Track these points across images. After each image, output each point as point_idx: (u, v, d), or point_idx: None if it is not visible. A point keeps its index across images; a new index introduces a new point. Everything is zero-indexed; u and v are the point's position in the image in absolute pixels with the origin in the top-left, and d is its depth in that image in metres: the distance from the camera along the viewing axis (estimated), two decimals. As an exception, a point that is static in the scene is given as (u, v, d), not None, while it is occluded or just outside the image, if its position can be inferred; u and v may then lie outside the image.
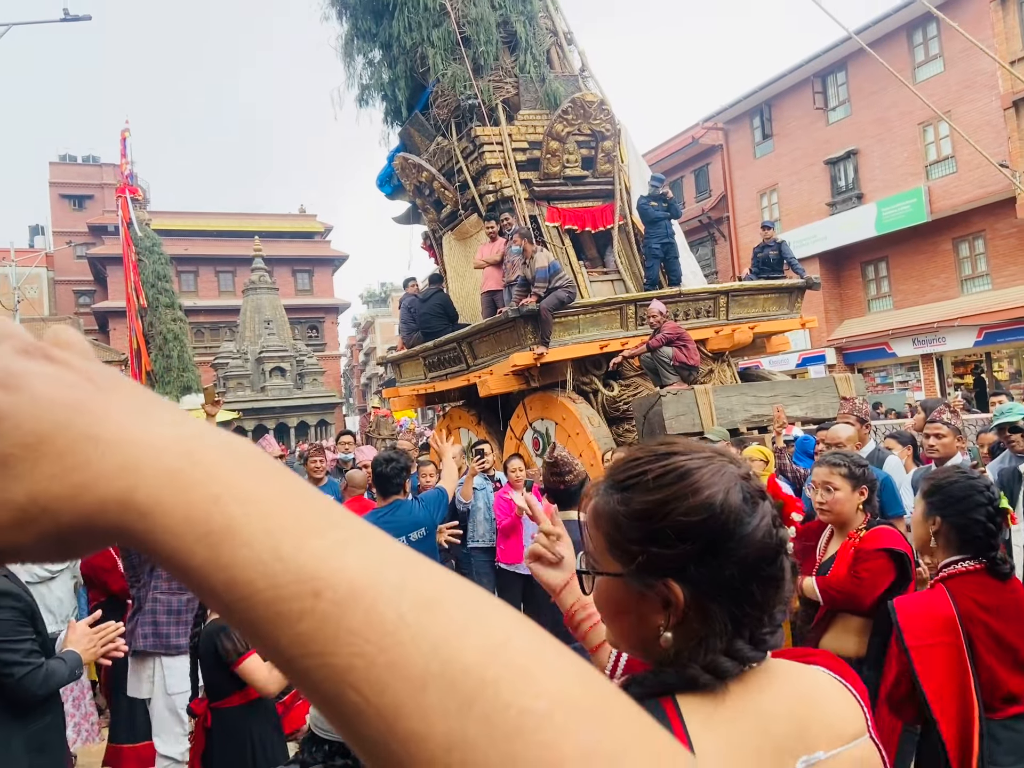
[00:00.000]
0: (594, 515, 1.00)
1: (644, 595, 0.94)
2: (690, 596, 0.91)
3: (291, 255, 41.13)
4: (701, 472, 0.94)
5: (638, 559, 0.93)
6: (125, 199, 25.87)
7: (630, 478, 0.96)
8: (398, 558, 0.32)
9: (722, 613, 0.92)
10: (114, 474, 0.31)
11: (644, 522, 0.93)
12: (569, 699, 0.29)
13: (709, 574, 0.91)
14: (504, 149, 9.96)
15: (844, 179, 21.94)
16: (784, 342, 10.75)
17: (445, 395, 11.46)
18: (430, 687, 0.28)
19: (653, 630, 0.94)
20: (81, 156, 45.31)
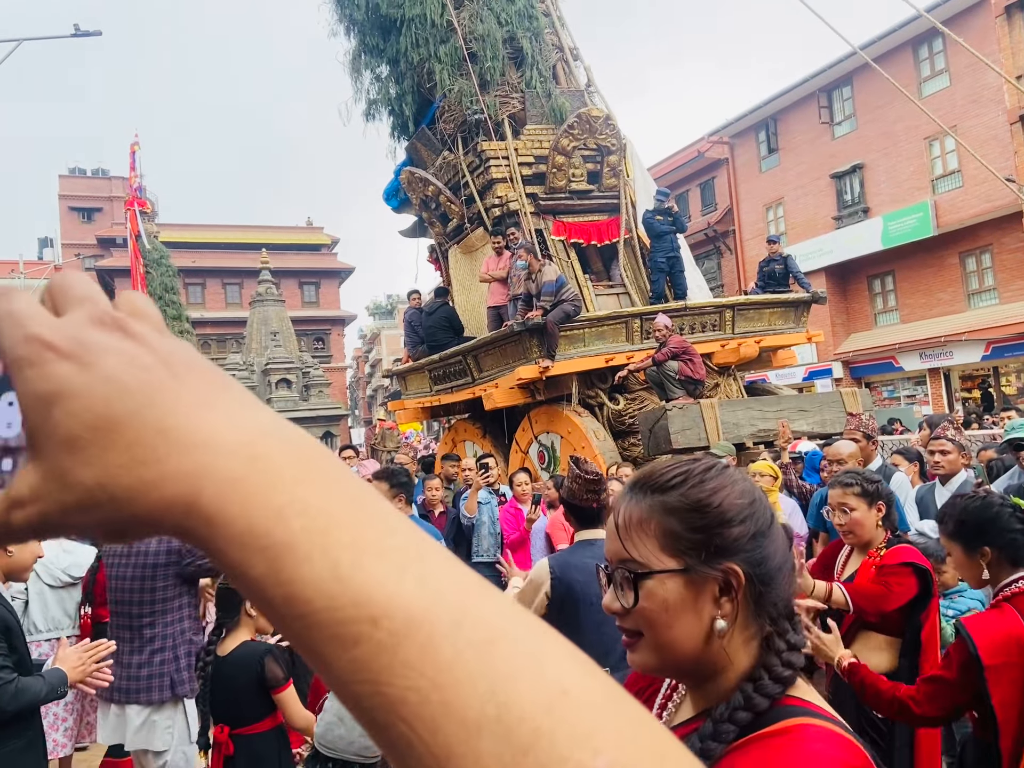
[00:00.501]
0: (639, 519, 1.02)
1: (703, 587, 0.98)
2: (747, 580, 0.98)
3: (298, 267, 41.32)
4: (729, 470, 1.06)
5: (707, 546, 0.98)
6: (134, 212, 26.04)
7: (673, 478, 1.02)
8: (458, 584, 0.31)
9: (770, 602, 0.99)
10: (181, 476, 0.31)
11: (706, 509, 0.99)
12: (628, 758, 0.28)
13: (762, 554, 0.99)
14: (510, 163, 10.00)
15: (850, 193, 21.96)
16: (790, 356, 10.74)
17: (451, 408, 11.46)
18: (484, 732, 0.27)
19: (708, 628, 0.98)
20: (90, 169, 45.69)
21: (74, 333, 0.33)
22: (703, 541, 0.98)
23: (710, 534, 0.98)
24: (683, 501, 1.00)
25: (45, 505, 0.32)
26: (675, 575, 0.98)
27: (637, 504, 1.03)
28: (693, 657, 0.99)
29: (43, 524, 0.32)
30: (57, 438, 0.31)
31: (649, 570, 0.99)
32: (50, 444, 0.32)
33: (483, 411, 10.06)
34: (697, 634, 0.98)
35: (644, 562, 1.00)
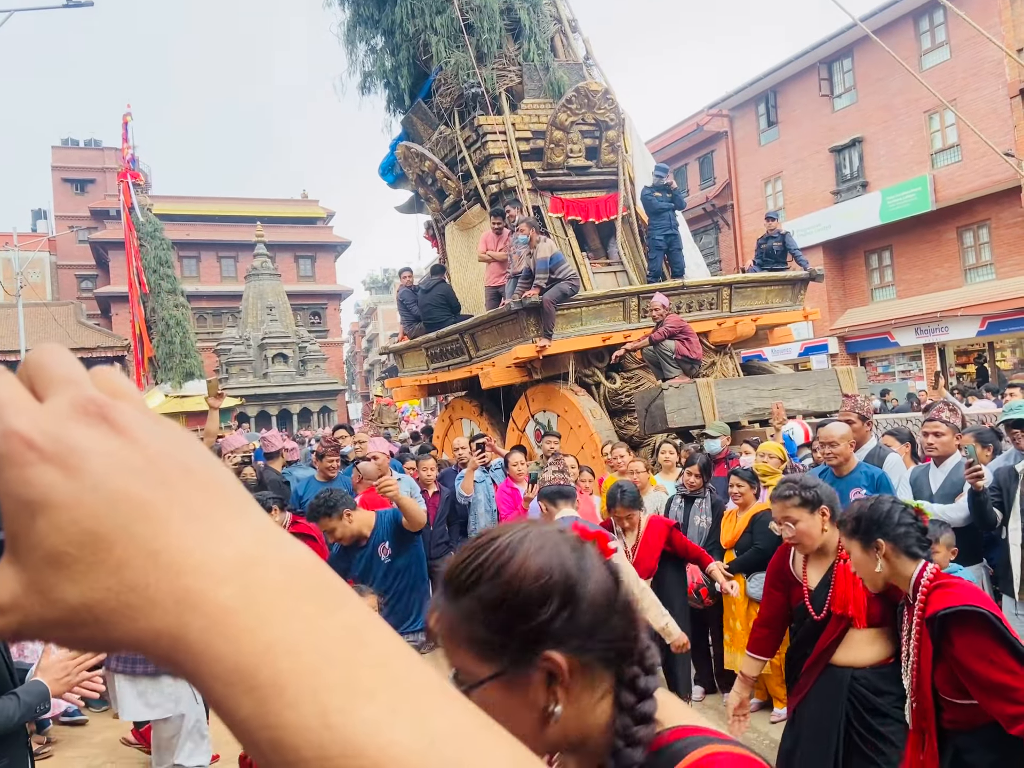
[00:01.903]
0: (450, 627, 0.96)
1: (527, 684, 0.92)
2: (566, 658, 0.92)
3: (293, 241, 41.04)
4: (527, 541, 0.96)
5: (511, 646, 0.92)
6: (127, 184, 25.77)
7: (467, 578, 0.96)
8: (450, 729, 0.30)
9: (602, 660, 0.94)
10: (170, 606, 0.30)
11: (501, 606, 0.93)
12: None
13: (574, 627, 0.92)
14: (507, 138, 9.90)
15: (849, 167, 21.82)
16: (787, 333, 10.73)
17: (448, 386, 11.46)
18: None
19: (544, 713, 0.93)
20: (83, 140, 45.15)
21: (57, 430, 0.31)
22: (507, 641, 0.92)
23: (513, 632, 0.92)
24: (480, 604, 0.94)
25: (25, 617, 0.31)
26: (495, 681, 0.93)
27: (447, 610, 0.98)
28: (548, 742, 0.96)
29: (21, 634, 0.31)
30: (42, 551, 0.30)
31: (470, 683, 0.94)
32: (33, 556, 0.30)
33: (480, 389, 10.07)
34: (540, 724, 0.94)
35: (466, 671, 0.95)
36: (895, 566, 2.56)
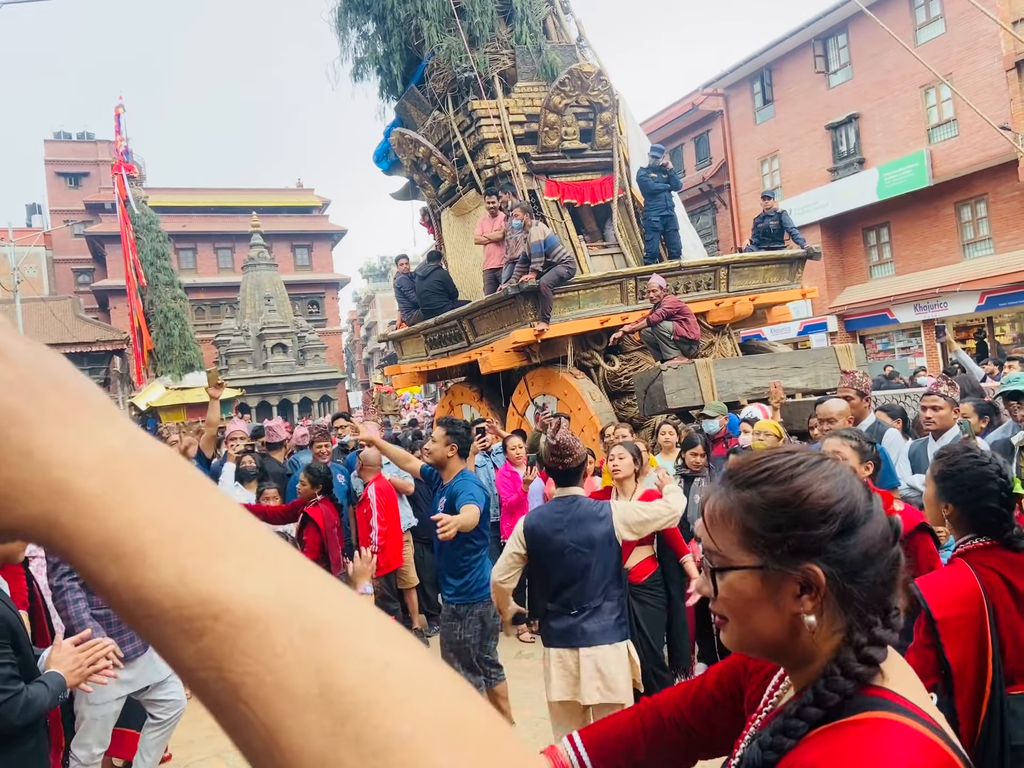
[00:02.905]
0: (722, 513, 1.03)
1: (781, 584, 0.98)
2: (827, 577, 0.97)
3: (289, 230, 40.92)
4: (824, 464, 1.03)
5: (784, 545, 0.98)
6: (121, 176, 25.67)
7: (759, 474, 1.02)
8: (295, 582, 0.34)
9: (858, 594, 0.98)
10: (43, 495, 0.34)
11: (785, 508, 0.99)
12: (433, 725, 0.31)
13: (845, 553, 0.97)
14: (501, 122, 9.87)
15: (846, 144, 21.72)
16: (785, 312, 10.73)
17: (447, 372, 11.48)
18: (310, 707, 0.31)
19: (789, 621, 0.99)
20: (76, 133, 44.94)
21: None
22: (780, 540, 0.98)
23: (787, 534, 0.98)
24: (762, 500, 1.00)
25: None
26: (752, 571, 1.00)
27: (724, 497, 1.04)
28: (776, 645, 1.02)
29: None
30: None
31: (727, 565, 1.02)
32: None
33: (480, 375, 10.09)
34: (778, 626, 1.00)
35: (725, 555, 1.03)
36: (953, 529, 2.51)
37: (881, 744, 0.88)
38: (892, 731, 0.90)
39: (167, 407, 23.37)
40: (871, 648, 0.97)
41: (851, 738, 0.90)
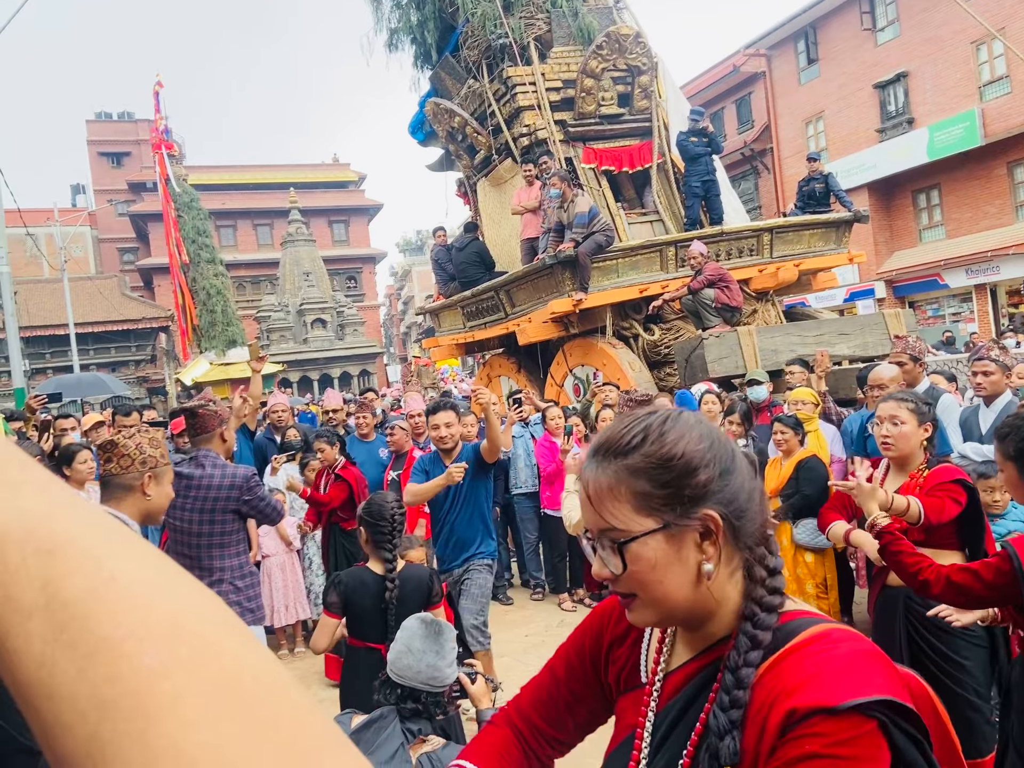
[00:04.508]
0: (608, 486, 1.03)
1: (683, 538, 1.00)
2: (723, 520, 1.00)
3: (326, 206, 41.07)
4: (683, 417, 1.06)
5: (680, 498, 0.99)
6: (162, 155, 25.99)
7: (632, 439, 1.03)
8: (37, 506, 0.36)
9: (748, 529, 1.02)
10: None
11: (671, 462, 1.00)
12: (146, 631, 0.33)
13: (731, 492, 1.01)
14: (537, 89, 9.70)
15: (894, 103, 21.00)
16: (831, 278, 10.46)
17: (485, 343, 11.45)
18: (34, 617, 0.33)
19: (695, 572, 1.01)
20: (116, 113, 45.48)
21: None
22: (675, 495, 1.00)
23: (680, 486, 1.00)
24: (647, 460, 1.01)
25: None
26: (655, 534, 1.00)
27: (603, 471, 1.03)
28: (687, 604, 1.03)
29: None
30: None
31: (630, 536, 1.01)
32: None
33: (517, 346, 10.03)
34: (687, 582, 1.01)
35: (624, 528, 1.01)
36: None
37: (846, 646, 0.93)
38: (839, 634, 0.96)
39: (212, 382, 23.78)
40: (773, 579, 1.03)
41: (817, 650, 0.94)
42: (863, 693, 0.87)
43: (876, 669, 0.91)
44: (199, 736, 0.32)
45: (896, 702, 0.88)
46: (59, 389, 13.98)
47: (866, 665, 0.91)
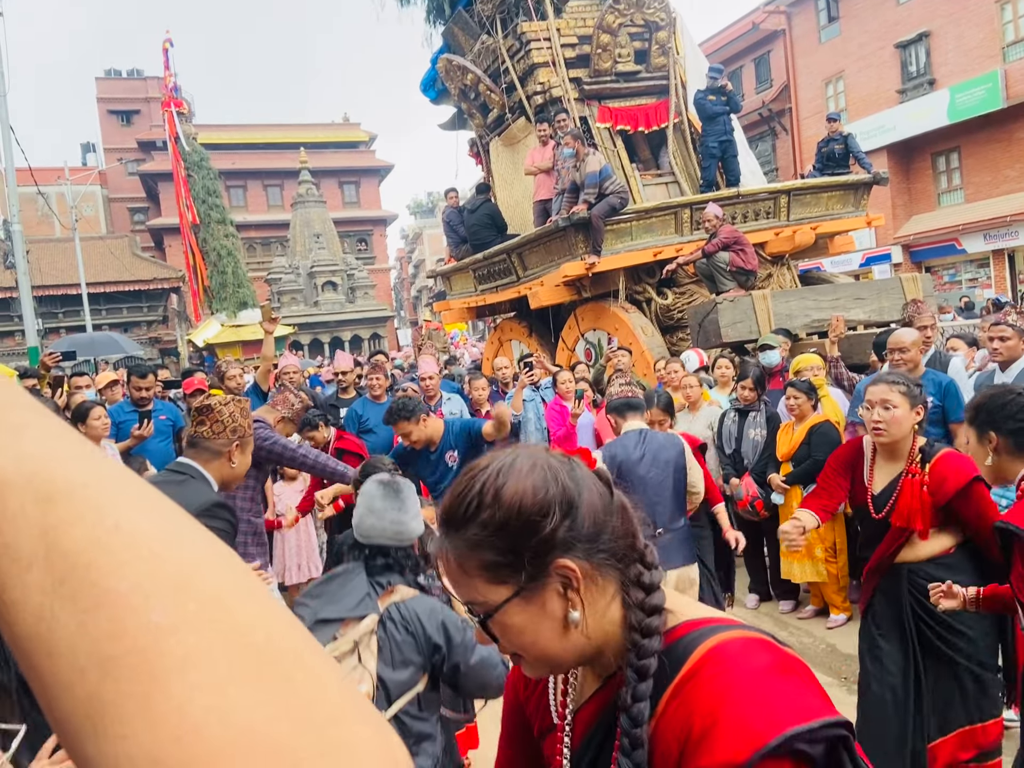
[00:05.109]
0: (457, 564, 0.99)
1: (544, 597, 0.96)
2: (577, 563, 0.96)
3: (337, 166, 40.71)
4: (517, 462, 0.99)
5: (524, 560, 0.95)
6: (171, 113, 25.75)
7: (467, 509, 0.98)
8: (38, 452, 0.34)
9: (609, 561, 0.98)
10: None
11: (506, 526, 0.95)
12: (152, 584, 0.32)
13: (578, 532, 0.96)
14: (552, 45, 9.50)
15: (915, 64, 20.53)
16: (848, 242, 10.32)
17: (496, 307, 11.40)
18: (34, 567, 0.32)
19: (565, 623, 0.97)
20: (126, 70, 45.02)
21: None
22: (520, 558, 0.95)
23: (523, 548, 0.95)
24: (484, 531, 0.96)
25: None
26: (513, 600, 0.97)
27: (451, 546, 1.00)
28: (571, 652, 1.00)
29: None
30: None
31: (491, 608, 0.98)
32: None
33: (529, 310, 9.98)
34: (561, 634, 0.98)
35: (483, 600, 0.99)
36: (1007, 463, 2.47)
37: (732, 671, 0.89)
38: (729, 652, 0.91)
39: (223, 344, 23.86)
40: (651, 597, 0.98)
41: (707, 681, 0.90)
42: (768, 735, 0.82)
43: (776, 690, 0.86)
44: (206, 700, 0.30)
45: (805, 729, 0.82)
46: (73, 348, 14.04)
47: (766, 689, 0.86)
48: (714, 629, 0.96)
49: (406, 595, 2.28)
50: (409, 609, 2.23)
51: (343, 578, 2.30)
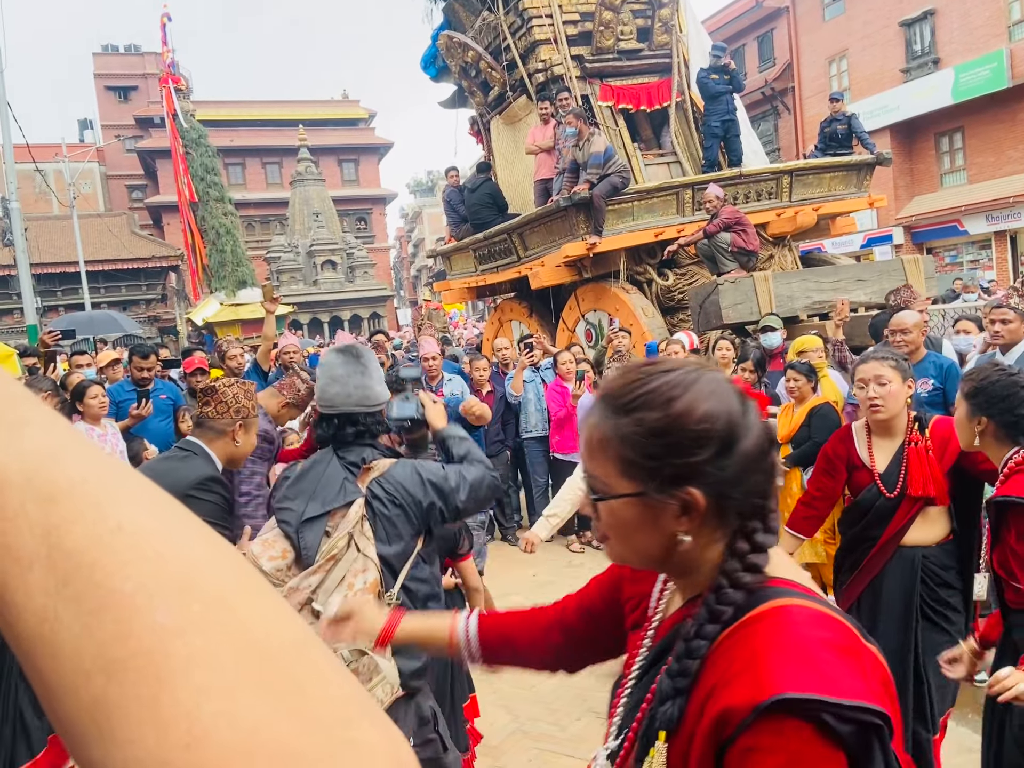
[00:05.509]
0: (599, 441, 1.01)
1: (662, 508, 0.98)
2: (706, 497, 0.96)
3: (336, 144, 40.41)
4: (701, 382, 0.99)
5: (662, 473, 0.96)
6: (169, 89, 25.50)
7: (635, 399, 0.99)
8: (39, 449, 0.34)
9: (736, 508, 0.98)
10: None
11: (661, 437, 0.96)
12: (158, 585, 0.31)
13: (722, 474, 0.96)
14: (554, 22, 9.40)
15: (920, 42, 20.33)
16: (850, 223, 10.27)
17: (496, 287, 11.36)
18: (35, 568, 0.31)
19: (669, 538, 0.99)
20: (123, 46, 44.53)
21: None
22: (658, 469, 0.97)
23: (664, 463, 0.96)
24: (639, 428, 0.97)
25: None
26: (632, 498, 0.99)
27: (601, 423, 1.01)
28: (659, 559, 1.03)
29: None
30: None
31: (608, 494, 1.00)
32: None
33: (529, 290, 9.94)
34: (659, 543, 1.00)
35: (604, 482, 1.01)
36: (990, 445, 2.49)
37: (791, 630, 0.90)
38: (799, 616, 0.92)
39: (222, 323, 23.79)
40: (754, 555, 0.98)
41: (760, 632, 0.91)
42: (786, 688, 0.82)
43: (821, 660, 0.86)
44: (215, 704, 0.29)
45: (834, 702, 0.82)
46: (72, 326, 14.00)
47: (810, 656, 0.87)
48: (792, 592, 0.97)
49: (383, 468, 2.25)
50: (391, 481, 2.21)
51: (313, 472, 2.26)
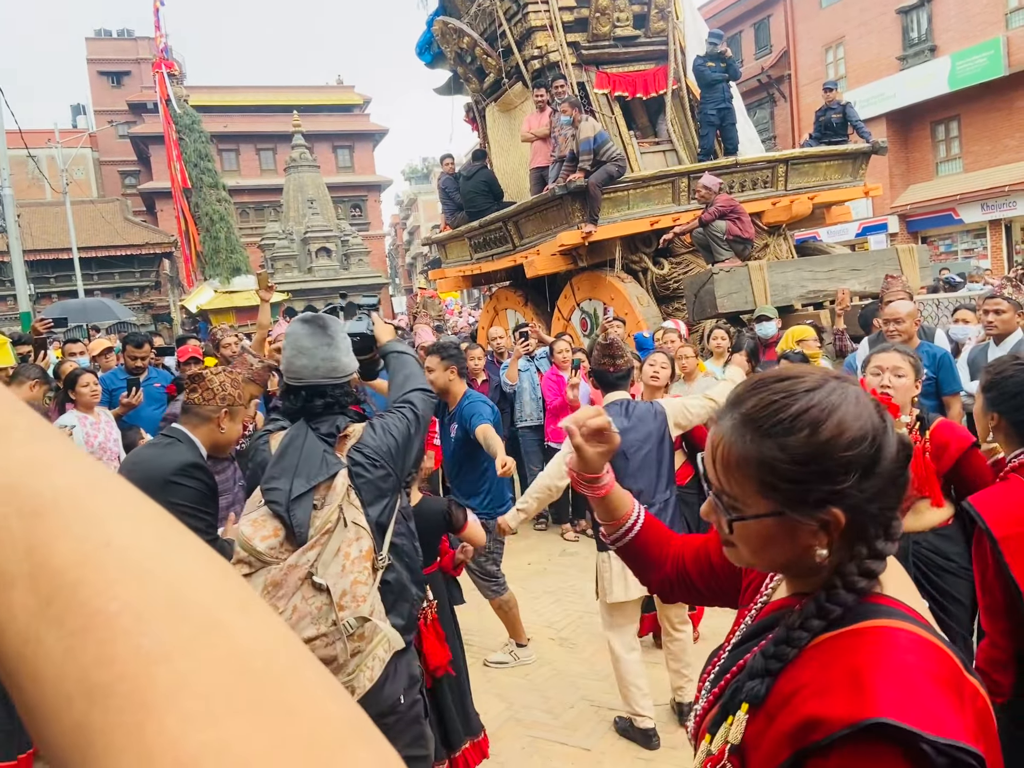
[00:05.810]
0: (737, 460, 0.99)
1: (798, 527, 0.97)
2: (845, 515, 0.96)
3: (331, 130, 40.15)
4: (846, 403, 0.97)
5: (805, 498, 0.95)
6: (162, 75, 25.30)
7: (778, 423, 0.96)
8: (23, 461, 0.33)
9: (872, 521, 0.98)
10: None
11: (807, 465, 0.95)
12: (144, 605, 0.30)
13: (863, 492, 0.95)
14: (550, 8, 9.34)
15: (917, 30, 20.26)
16: (845, 212, 10.28)
17: (492, 276, 11.34)
18: (18, 586, 0.30)
19: (804, 551, 0.99)
20: (116, 30, 44.11)
21: None
22: (802, 492, 0.95)
23: (809, 487, 0.95)
24: (783, 455, 0.95)
25: None
26: (769, 518, 0.98)
27: (738, 442, 0.99)
28: (784, 566, 1.05)
29: None
30: None
31: (745, 514, 1.00)
32: None
33: (525, 279, 9.93)
34: (791, 554, 1.00)
35: (740, 501, 1.00)
36: (1002, 440, 2.47)
37: (883, 652, 0.89)
38: (892, 638, 0.91)
39: (216, 310, 23.71)
40: (872, 561, 0.98)
41: (853, 650, 0.91)
42: (889, 713, 0.80)
43: (924, 691, 0.84)
44: (203, 734, 0.28)
45: (931, 739, 0.80)
46: (65, 314, 13.94)
47: (914, 684, 0.84)
48: (899, 614, 0.95)
49: (359, 433, 2.27)
50: (367, 445, 2.23)
51: (292, 448, 2.25)
